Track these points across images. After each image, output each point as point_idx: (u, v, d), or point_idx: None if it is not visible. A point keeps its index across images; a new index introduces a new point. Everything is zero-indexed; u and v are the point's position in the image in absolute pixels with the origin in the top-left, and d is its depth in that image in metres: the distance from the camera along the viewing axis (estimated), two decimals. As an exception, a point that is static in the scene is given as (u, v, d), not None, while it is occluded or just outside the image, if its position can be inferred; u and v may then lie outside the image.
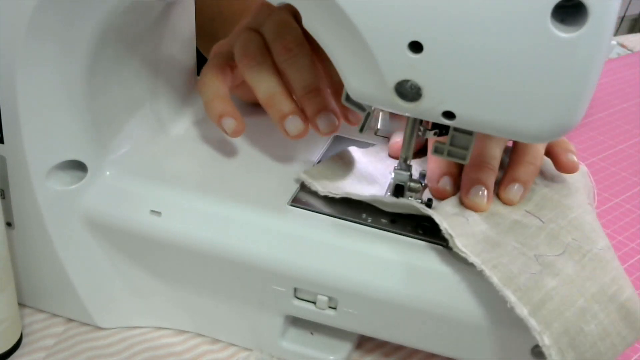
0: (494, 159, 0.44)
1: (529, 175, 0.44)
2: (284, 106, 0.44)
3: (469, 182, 0.43)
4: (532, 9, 0.30)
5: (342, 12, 0.33)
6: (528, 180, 0.44)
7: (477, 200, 0.43)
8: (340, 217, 0.43)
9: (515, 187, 0.44)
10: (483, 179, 0.43)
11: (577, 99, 0.32)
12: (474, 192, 0.43)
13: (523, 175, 0.44)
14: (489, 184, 0.43)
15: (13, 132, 0.41)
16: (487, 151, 0.44)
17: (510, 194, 0.44)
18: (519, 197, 0.44)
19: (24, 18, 0.38)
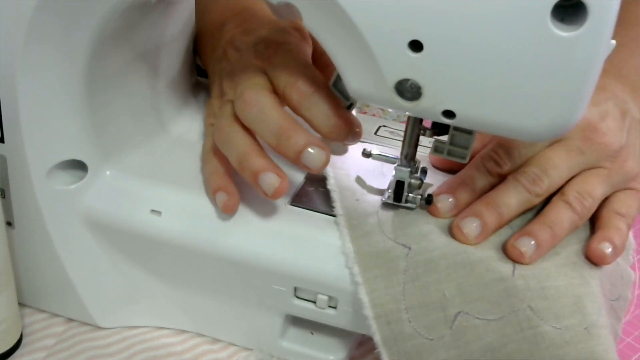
0: (507, 207, 0.41)
1: (546, 237, 0.40)
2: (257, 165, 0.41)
3: (468, 210, 0.41)
4: (532, 8, 0.30)
5: (343, 12, 0.33)
6: (544, 242, 0.40)
7: (465, 229, 0.40)
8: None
9: (526, 240, 0.40)
10: (484, 215, 0.41)
11: (576, 97, 0.32)
12: (467, 221, 0.40)
13: (539, 233, 0.40)
14: (488, 222, 0.40)
15: (13, 132, 0.41)
16: (504, 198, 0.41)
17: (519, 244, 0.40)
18: (529, 255, 0.39)
19: (24, 18, 0.38)
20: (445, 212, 0.42)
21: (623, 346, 0.50)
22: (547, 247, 0.40)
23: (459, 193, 0.42)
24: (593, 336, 0.37)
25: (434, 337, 0.38)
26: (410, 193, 0.42)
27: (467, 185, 0.43)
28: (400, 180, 0.42)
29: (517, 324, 0.37)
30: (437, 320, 0.38)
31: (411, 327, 0.38)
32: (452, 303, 0.38)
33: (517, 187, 0.41)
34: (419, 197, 0.43)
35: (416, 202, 0.43)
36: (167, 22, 0.48)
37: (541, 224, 0.41)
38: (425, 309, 0.38)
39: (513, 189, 0.41)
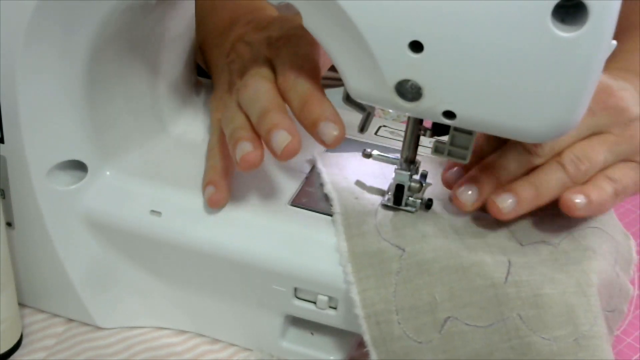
0: (505, 170, 0.41)
1: (528, 195, 0.40)
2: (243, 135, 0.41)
3: (466, 178, 0.42)
4: (532, 9, 0.30)
5: (343, 12, 0.33)
6: (524, 200, 0.40)
7: (462, 198, 0.41)
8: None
9: (506, 197, 0.40)
10: (480, 180, 0.41)
11: (577, 98, 0.32)
12: (464, 188, 0.41)
13: (521, 190, 0.40)
14: (483, 187, 0.41)
15: (13, 132, 0.41)
16: (503, 162, 0.41)
17: (499, 200, 0.40)
18: (508, 210, 0.39)
19: (24, 19, 0.38)
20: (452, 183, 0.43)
21: (623, 346, 0.50)
22: (527, 205, 0.40)
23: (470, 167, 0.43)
24: (582, 348, 0.37)
25: (422, 340, 0.38)
26: (410, 197, 0.42)
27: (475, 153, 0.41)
28: (400, 184, 0.42)
29: (505, 332, 0.37)
30: (426, 323, 0.38)
31: (400, 329, 0.38)
32: (442, 307, 0.38)
33: (517, 149, 0.41)
34: (419, 201, 0.43)
35: (416, 205, 0.43)
36: (167, 23, 0.48)
37: (526, 181, 0.40)
38: (415, 311, 0.38)
39: (513, 150, 0.41)
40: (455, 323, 0.37)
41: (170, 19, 0.48)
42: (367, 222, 0.41)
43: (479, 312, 0.37)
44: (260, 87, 0.41)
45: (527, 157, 0.41)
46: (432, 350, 0.38)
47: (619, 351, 0.49)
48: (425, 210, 0.43)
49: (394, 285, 0.39)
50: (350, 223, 0.41)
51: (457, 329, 0.37)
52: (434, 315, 0.38)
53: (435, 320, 0.38)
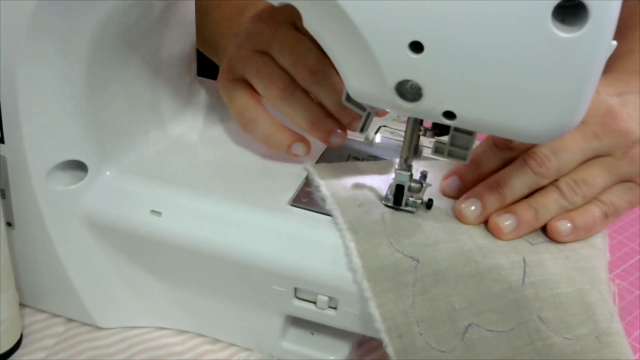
0: (510, 190, 0.41)
1: (528, 217, 0.41)
2: (329, 125, 0.46)
3: (471, 192, 0.42)
4: (532, 9, 0.30)
5: (343, 12, 0.33)
6: (525, 222, 0.41)
7: (465, 212, 0.41)
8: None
9: (508, 218, 0.41)
10: (485, 197, 0.41)
11: (577, 98, 0.32)
12: (468, 203, 0.41)
13: (521, 212, 0.41)
14: (488, 204, 0.41)
15: (13, 132, 0.41)
16: (508, 180, 0.41)
17: (500, 220, 0.40)
18: (509, 230, 0.40)
19: (24, 18, 0.38)
20: (451, 193, 0.44)
21: (623, 346, 0.50)
22: (527, 228, 0.41)
23: (465, 174, 0.43)
24: (604, 345, 0.37)
25: (445, 350, 0.38)
26: (411, 197, 0.42)
27: (473, 165, 0.43)
28: (400, 184, 0.42)
29: (527, 335, 0.37)
30: (447, 332, 0.38)
31: (423, 340, 0.38)
32: (462, 315, 0.38)
33: (524, 169, 0.41)
34: (419, 201, 0.43)
35: (416, 205, 0.43)
36: (167, 22, 0.48)
37: (527, 204, 0.41)
38: (436, 321, 0.38)
39: (519, 170, 0.41)
40: (476, 330, 0.38)
41: (171, 18, 0.48)
42: (376, 233, 0.41)
43: (498, 317, 0.38)
44: (330, 73, 0.44)
45: (533, 178, 0.41)
46: (455, 358, 0.38)
47: (619, 351, 0.49)
48: (425, 211, 0.43)
49: (411, 297, 0.39)
50: (359, 238, 0.41)
51: (478, 335, 0.38)
52: (454, 323, 0.38)
53: (456, 328, 0.38)
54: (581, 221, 0.41)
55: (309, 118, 0.46)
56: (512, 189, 0.41)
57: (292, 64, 0.45)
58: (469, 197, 0.42)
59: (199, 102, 0.55)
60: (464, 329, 0.38)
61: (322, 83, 0.45)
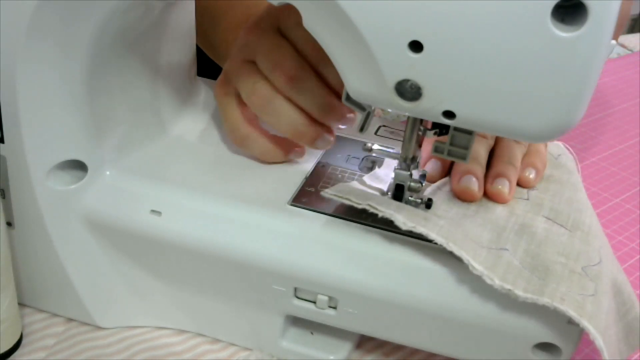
0: (480, 155, 0.46)
1: (511, 172, 0.45)
2: (313, 131, 0.46)
3: (461, 172, 0.45)
4: (532, 9, 0.30)
5: (342, 12, 0.33)
6: (511, 177, 0.45)
7: (466, 188, 0.44)
8: (340, 216, 0.43)
9: (502, 181, 0.45)
10: (472, 170, 0.45)
11: (577, 98, 0.32)
12: (465, 179, 0.45)
13: (505, 171, 0.45)
14: (477, 174, 0.45)
15: (13, 132, 0.41)
16: (477, 149, 0.46)
17: (497, 186, 0.45)
18: (507, 191, 0.45)
19: (24, 18, 0.38)
20: (437, 177, 0.47)
21: (623, 346, 0.50)
22: (515, 181, 0.46)
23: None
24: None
25: (592, 293, 0.39)
26: (410, 196, 0.42)
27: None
28: (400, 184, 0.42)
29: (608, 261, 0.42)
30: (581, 281, 0.39)
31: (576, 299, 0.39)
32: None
33: (479, 139, 0.47)
34: (419, 201, 0.43)
35: (416, 205, 0.43)
36: (167, 22, 0.48)
37: (503, 162, 0.46)
38: (569, 281, 0.39)
39: (477, 142, 0.46)
40: (589, 270, 0.40)
41: (170, 18, 0.48)
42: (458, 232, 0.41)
43: (587, 257, 0.41)
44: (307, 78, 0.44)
45: (485, 141, 0.47)
46: None
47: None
48: (425, 210, 0.43)
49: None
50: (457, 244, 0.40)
51: (593, 272, 0.40)
52: (576, 272, 0.40)
53: (580, 277, 0.40)
54: (540, 163, 0.48)
55: (291, 127, 0.45)
56: (481, 154, 0.46)
57: (270, 70, 0.44)
58: (461, 175, 0.45)
59: (199, 102, 0.55)
60: (585, 274, 0.40)
61: (301, 89, 0.44)
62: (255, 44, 0.45)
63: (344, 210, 0.44)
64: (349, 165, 0.49)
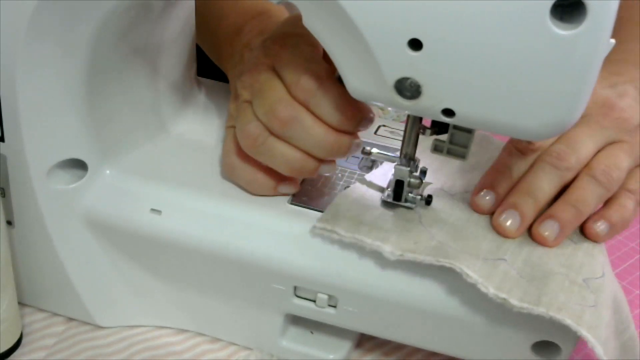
0: (541, 190, 0.41)
1: (570, 217, 0.41)
2: (310, 166, 0.43)
3: (504, 204, 0.42)
4: (531, 7, 0.30)
5: (342, 11, 0.33)
6: (567, 222, 0.41)
7: (505, 225, 0.41)
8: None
9: (550, 225, 0.41)
10: (520, 205, 0.41)
11: (575, 96, 0.33)
12: (506, 215, 0.41)
13: (561, 214, 0.41)
14: (525, 211, 0.41)
15: (13, 131, 0.41)
16: (535, 183, 0.42)
17: (542, 229, 0.41)
18: (554, 237, 0.41)
19: (24, 17, 0.38)
20: (487, 209, 0.43)
21: (623, 346, 0.50)
22: (570, 227, 0.41)
23: (498, 184, 0.43)
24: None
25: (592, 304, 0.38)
26: (410, 193, 0.43)
27: (504, 174, 0.43)
28: (400, 180, 0.42)
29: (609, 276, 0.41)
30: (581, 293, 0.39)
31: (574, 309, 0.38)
32: None
33: (545, 168, 0.42)
34: (419, 197, 0.43)
35: (415, 201, 0.43)
36: (167, 23, 0.48)
37: (565, 203, 0.41)
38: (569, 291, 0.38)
39: (542, 170, 0.42)
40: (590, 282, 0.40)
41: (170, 18, 0.48)
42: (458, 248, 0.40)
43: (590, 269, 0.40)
44: (303, 119, 0.41)
45: (557, 174, 0.42)
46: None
47: (619, 350, 0.49)
48: (424, 207, 0.43)
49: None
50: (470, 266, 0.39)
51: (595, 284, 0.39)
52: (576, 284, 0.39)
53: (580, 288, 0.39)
54: (617, 217, 0.42)
55: (287, 166, 0.42)
56: (542, 189, 0.41)
57: (263, 114, 0.41)
58: (504, 209, 0.42)
59: (199, 102, 0.55)
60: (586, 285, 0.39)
61: (295, 132, 0.41)
62: (250, 83, 0.43)
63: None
64: (348, 164, 0.49)
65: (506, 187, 0.43)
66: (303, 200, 0.45)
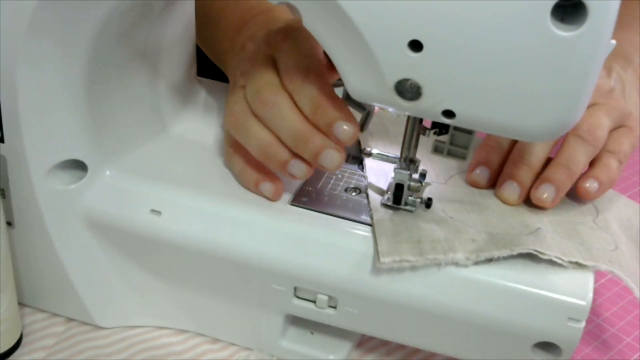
0: (534, 155, 0.44)
1: (563, 177, 0.43)
2: (282, 154, 0.42)
3: (503, 176, 0.45)
4: (531, 8, 0.30)
5: (343, 12, 0.33)
6: (562, 183, 0.43)
7: (506, 195, 0.44)
8: (340, 216, 0.43)
9: (547, 188, 0.43)
10: (516, 174, 0.44)
11: (576, 97, 0.33)
12: (506, 187, 0.44)
13: (555, 176, 0.44)
14: (522, 179, 0.44)
15: (13, 132, 0.41)
16: (528, 147, 0.45)
17: (539, 193, 0.43)
18: (551, 199, 0.43)
19: (24, 18, 0.38)
20: (484, 184, 0.46)
21: (623, 346, 0.50)
22: (565, 187, 0.44)
23: (492, 159, 0.46)
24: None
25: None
26: (410, 196, 0.42)
27: (495, 149, 0.46)
28: (400, 183, 0.42)
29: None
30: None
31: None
32: None
33: (581, 143, 0.44)
34: (419, 200, 0.43)
35: (415, 205, 0.43)
36: (167, 22, 0.48)
37: (557, 165, 0.44)
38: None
39: (579, 146, 0.44)
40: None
41: (171, 19, 0.48)
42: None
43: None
44: (281, 104, 0.41)
45: (591, 149, 0.44)
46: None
47: (619, 351, 0.49)
48: (424, 210, 0.43)
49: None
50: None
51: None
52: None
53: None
54: (604, 176, 0.45)
55: (259, 148, 0.42)
56: (535, 153, 0.44)
57: (250, 95, 0.43)
58: (503, 180, 0.45)
59: (199, 102, 0.55)
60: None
61: (272, 114, 0.41)
62: (247, 71, 0.44)
63: (343, 210, 0.44)
64: (348, 165, 0.49)
65: (500, 160, 0.46)
66: (303, 202, 0.44)
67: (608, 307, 0.54)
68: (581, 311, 0.38)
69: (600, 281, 0.56)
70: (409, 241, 0.41)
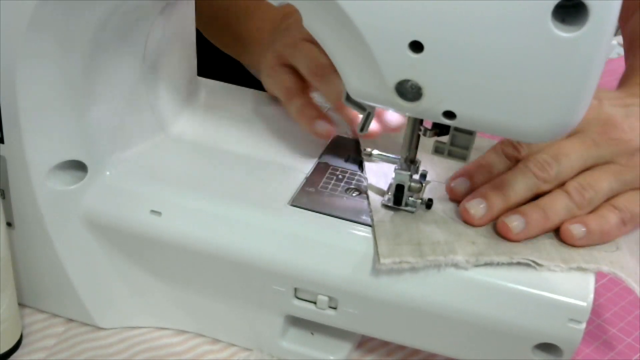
0: (514, 192, 0.42)
1: (537, 217, 0.41)
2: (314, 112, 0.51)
3: (476, 193, 0.42)
4: (532, 9, 0.30)
5: (343, 12, 0.33)
6: (535, 221, 0.41)
7: (472, 211, 0.41)
8: (340, 217, 0.43)
9: (516, 218, 0.41)
10: (490, 197, 0.42)
11: (577, 98, 0.32)
12: (474, 203, 0.42)
13: (529, 212, 0.41)
14: (493, 204, 0.41)
15: (13, 132, 0.41)
16: (511, 182, 0.42)
17: (508, 220, 0.41)
18: (519, 230, 0.40)
19: (24, 17, 0.38)
20: (460, 195, 0.43)
21: (623, 346, 0.50)
22: (536, 228, 0.41)
23: (476, 176, 0.44)
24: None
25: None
26: (410, 197, 0.42)
27: (484, 169, 0.44)
28: (400, 184, 0.42)
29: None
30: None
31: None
32: None
33: (526, 172, 0.42)
34: (419, 201, 0.43)
35: (416, 205, 0.43)
36: (167, 22, 0.48)
37: (534, 205, 0.42)
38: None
39: (521, 173, 0.42)
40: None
41: (171, 18, 0.48)
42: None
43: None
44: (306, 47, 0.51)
45: (534, 181, 0.42)
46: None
47: (619, 351, 0.49)
48: (425, 210, 0.43)
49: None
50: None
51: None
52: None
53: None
54: (595, 225, 0.41)
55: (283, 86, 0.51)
56: (515, 190, 0.42)
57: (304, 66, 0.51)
58: (474, 196, 0.42)
59: (198, 102, 0.55)
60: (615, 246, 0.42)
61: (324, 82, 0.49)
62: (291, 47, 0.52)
63: (343, 211, 0.44)
64: (348, 165, 0.49)
65: (483, 180, 0.44)
66: (303, 202, 0.44)
67: (608, 308, 0.54)
68: (582, 312, 0.38)
69: (601, 281, 0.56)
70: (409, 243, 0.40)
